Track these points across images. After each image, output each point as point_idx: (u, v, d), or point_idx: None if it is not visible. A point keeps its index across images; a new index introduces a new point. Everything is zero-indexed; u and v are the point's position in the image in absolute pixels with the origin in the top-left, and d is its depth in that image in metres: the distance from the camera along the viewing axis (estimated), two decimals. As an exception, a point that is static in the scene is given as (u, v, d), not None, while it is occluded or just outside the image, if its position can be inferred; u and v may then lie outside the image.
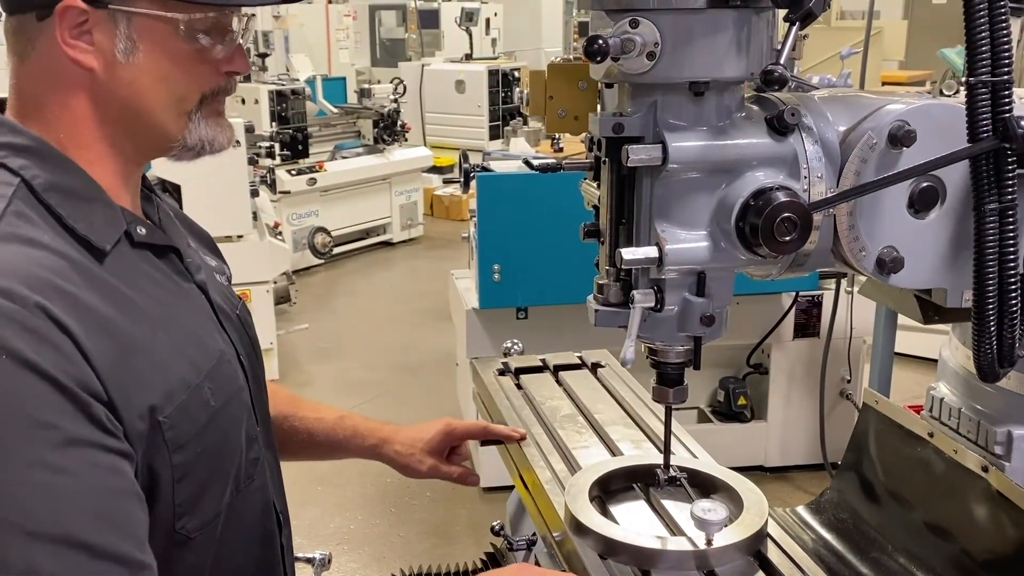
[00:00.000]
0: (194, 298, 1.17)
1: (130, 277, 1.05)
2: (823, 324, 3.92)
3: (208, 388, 1.08)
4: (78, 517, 0.89)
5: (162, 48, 1.05)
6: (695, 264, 1.14)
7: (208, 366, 1.10)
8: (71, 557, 0.88)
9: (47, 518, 0.87)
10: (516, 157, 4.21)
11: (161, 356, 1.03)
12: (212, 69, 1.10)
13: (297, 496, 1.12)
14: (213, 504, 1.10)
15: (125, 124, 1.08)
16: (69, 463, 0.89)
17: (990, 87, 1.05)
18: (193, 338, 1.10)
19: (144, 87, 1.06)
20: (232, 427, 1.14)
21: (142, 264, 1.09)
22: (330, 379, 5.24)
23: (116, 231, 1.05)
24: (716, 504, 1.25)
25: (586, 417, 1.71)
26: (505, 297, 3.68)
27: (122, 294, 1.02)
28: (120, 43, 1.03)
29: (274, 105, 7.09)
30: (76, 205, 1.02)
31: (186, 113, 1.09)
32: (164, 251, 1.15)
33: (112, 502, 0.93)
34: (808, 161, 1.13)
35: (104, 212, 1.05)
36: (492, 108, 9.13)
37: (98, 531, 0.90)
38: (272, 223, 5.60)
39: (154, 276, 1.10)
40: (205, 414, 1.07)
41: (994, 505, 1.26)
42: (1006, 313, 1.10)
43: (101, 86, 1.05)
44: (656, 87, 1.12)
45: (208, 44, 1.08)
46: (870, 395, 1.57)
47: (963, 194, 1.15)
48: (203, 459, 1.07)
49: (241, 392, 1.18)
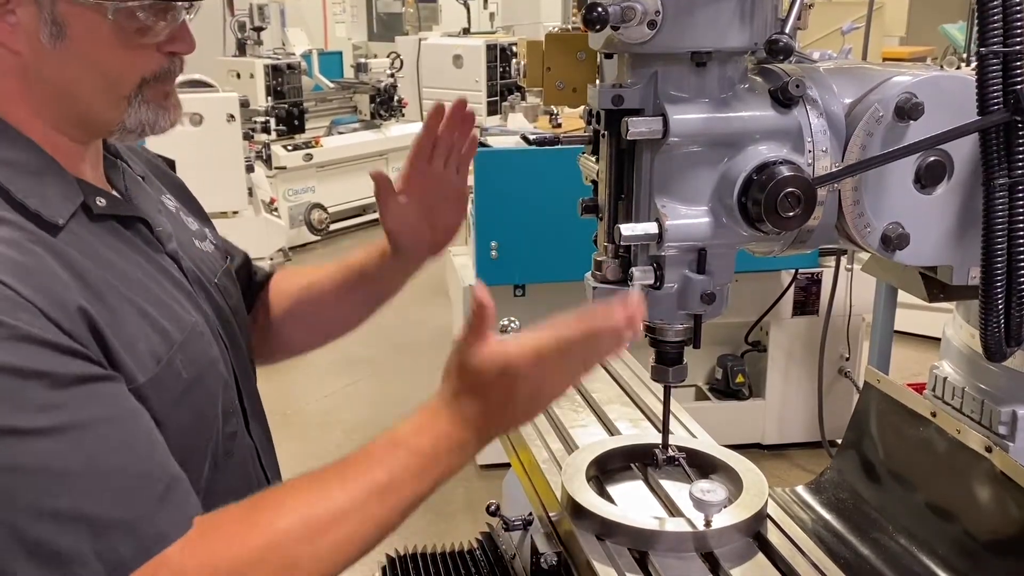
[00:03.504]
0: (165, 268, 1.13)
1: (90, 249, 1.01)
2: (822, 302, 3.90)
3: (180, 361, 1.06)
4: (103, 446, 0.89)
5: (92, 33, 1.00)
6: (696, 241, 1.12)
7: (180, 338, 1.07)
8: (113, 485, 0.89)
9: (77, 456, 0.87)
10: (514, 133, 4.18)
11: (128, 330, 0.99)
12: (151, 51, 1.04)
13: (293, 475, 1.10)
14: (193, 479, 1.08)
15: (61, 109, 1.03)
16: (76, 399, 0.89)
17: (1001, 58, 1.02)
18: (164, 309, 1.07)
19: (75, 73, 1.01)
20: (207, 401, 1.12)
21: (104, 236, 1.05)
22: (325, 356, 5.18)
23: (71, 204, 1.01)
24: (715, 485, 1.23)
25: (583, 396, 1.69)
26: (502, 274, 3.66)
27: (83, 266, 0.98)
28: (45, 28, 0.98)
29: (269, 80, 7.02)
30: (25, 179, 0.98)
31: (124, 97, 1.04)
32: (130, 221, 1.11)
33: (128, 425, 0.93)
34: (813, 134, 1.10)
35: (57, 185, 1.01)
36: (490, 83, 9.03)
37: (127, 453, 0.91)
38: (268, 199, 5.58)
39: (118, 247, 1.06)
40: (178, 386, 1.05)
41: (997, 486, 1.24)
42: (1014, 291, 1.08)
43: (31, 70, 1.00)
44: (657, 57, 1.09)
45: (148, 24, 1.01)
46: (872, 374, 1.54)
47: (971, 169, 1.12)
48: (177, 435, 1.04)
49: (215, 364, 1.14)
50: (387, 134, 7.85)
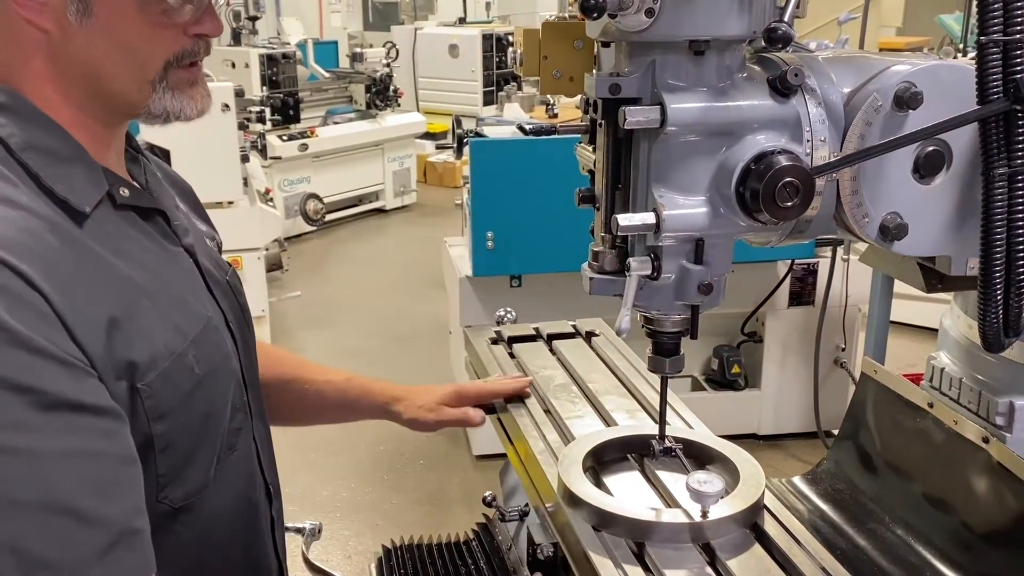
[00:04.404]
0: (181, 262, 1.14)
1: (112, 240, 1.01)
2: (818, 292, 3.91)
3: (193, 355, 1.06)
4: (64, 482, 0.86)
5: (118, 12, 1.00)
6: (693, 231, 1.11)
7: (195, 332, 1.07)
8: (58, 524, 0.85)
9: (32, 484, 0.84)
10: (510, 123, 4.16)
11: (144, 321, 0.99)
12: (177, 32, 1.04)
13: (289, 464, 1.11)
14: (200, 475, 1.08)
15: (87, 89, 1.03)
16: (53, 425, 0.86)
17: (1001, 46, 1.01)
18: (179, 303, 1.07)
19: (101, 53, 1.01)
20: (219, 396, 1.12)
21: (126, 227, 1.06)
22: (322, 347, 5.21)
23: (97, 192, 1.02)
24: (712, 476, 1.23)
25: (580, 387, 1.69)
26: (499, 265, 3.65)
27: (103, 258, 0.98)
28: (72, 5, 0.98)
29: (265, 69, 7.00)
30: (55, 165, 0.99)
31: (149, 81, 1.04)
32: (150, 213, 1.11)
33: (100, 466, 0.90)
34: (811, 124, 1.10)
35: (85, 173, 1.02)
36: (486, 73, 9.03)
37: (85, 496, 0.87)
38: (263, 189, 5.55)
39: (139, 239, 1.07)
40: (189, 382, 1.04)
41: (994, 477, 1.24)
42: (1013, 282, 1.07)
43: (58, 49, 1.00)
44: (655, 46, 1.07)
45: (174, 4, 1.02)
46: (869, 364, 1.54)
47: (970, 158, 1.12)
48: (188, 428, 1.05)
49: (228, 360, 1.15)
50: (383, 124, 7.82)
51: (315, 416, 1.60)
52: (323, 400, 1.55)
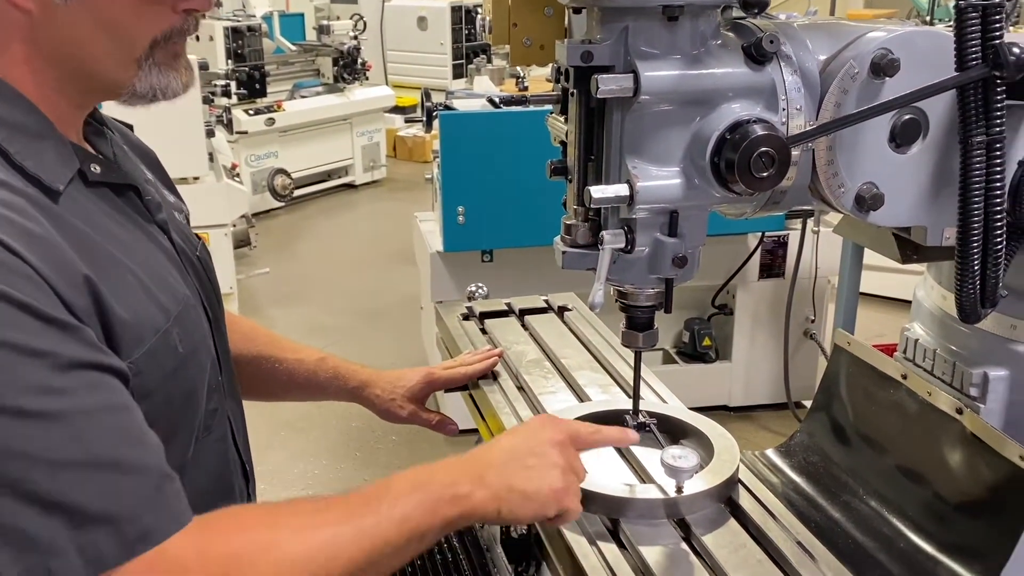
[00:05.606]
0: (156, 238, 1.11)
1: (89, 217, 0.98)
2: (788, 264, 3.92)
3: (176, 333, 1.04)
4: (101, 437, 0.86)
5: None
6: (668, 202, 1.09)
7: (176, 310, 1.05)
8: (104, 478, 0.85)
9: (71, 444, 0.84)
10: (480, 95, 4.11)
11: (129, 298, 0.97)
12: (165, 8, 1.00)
13: (261, 441, 1.09)
14: (178, 457, 1.06)
15: (69, 70, 0.99)
16: (76, 385, 0.86)
17: (980, 11, 0.99)
18: (160, 281, 1.05)
19: (86, 33, 0.97)
20: (198, 375, 1.10)
21: (100, 203, 1.03)
22: (292, 323, 5.16)
23: (69, 170, 0.99)
24: (686, 451, 1.22)
25: (553, 362, 1.67)
26: (470, 240, 3.62)
27: (84, 234, 0.95)
28: None
29: (229, 42, 6.87)
30: (26, 142, 0.95)
31: (135, 60, 1.00)
32: (122, 189, 1.08)
33: (128, 417, 0.90)
34: (787, 92, 1.07)
35: (56, 150, 0.98)
36: (455, 46, 8.93)
37: (124, 447, 0.88)
38: (229, 164, 5.45)
39: (114, 216, 1.04)
40: (172, 361, 1.03)
41: (968, 448, 1.23)
42: (990, 252, 1.06)
43: (40, 30, 0.96)
44: (627, 12, 1.05)
45: None
46: (842, 336, 1.53)
47: (947, 127, 1.10)
48: (169, 409, 1.03)
49: (206, 339, 1.13)
50: (351, 98, 7.72)
51: (284, 393, 1.58)
52: (293, 379, 1.53)
